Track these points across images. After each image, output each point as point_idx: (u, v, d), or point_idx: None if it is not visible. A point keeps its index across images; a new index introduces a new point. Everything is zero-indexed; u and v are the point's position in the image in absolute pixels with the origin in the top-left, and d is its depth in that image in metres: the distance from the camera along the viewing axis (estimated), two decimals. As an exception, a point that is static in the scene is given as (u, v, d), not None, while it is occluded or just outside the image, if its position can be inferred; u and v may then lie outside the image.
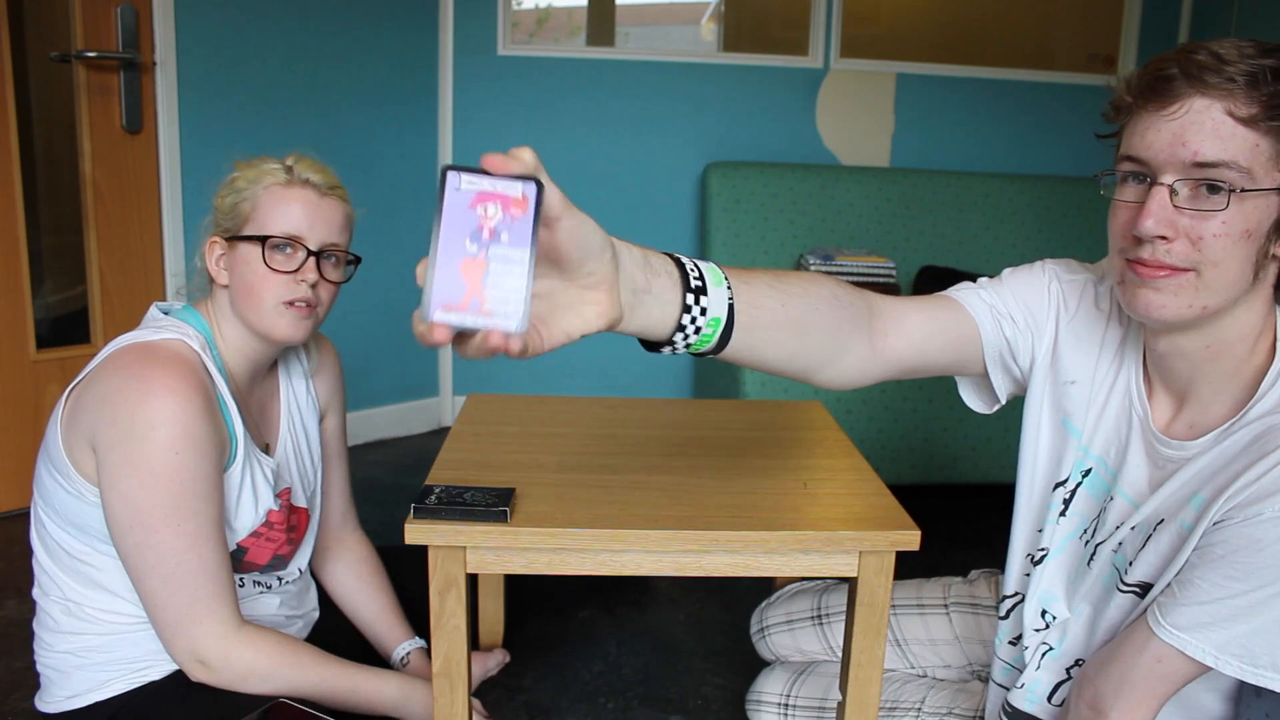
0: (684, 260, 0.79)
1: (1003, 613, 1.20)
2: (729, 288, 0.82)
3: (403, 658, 1.53)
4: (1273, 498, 0.86)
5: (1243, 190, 0.86)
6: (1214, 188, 0.86)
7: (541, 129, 3.14)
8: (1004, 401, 1.18)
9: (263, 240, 1.25)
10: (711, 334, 0.81)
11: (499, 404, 1.63)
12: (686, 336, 0.80)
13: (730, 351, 0.85)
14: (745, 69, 3.22)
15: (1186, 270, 0.89)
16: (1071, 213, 3.12)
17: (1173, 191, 0.88)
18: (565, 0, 3.32)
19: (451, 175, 0.58)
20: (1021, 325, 1.11)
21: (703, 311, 0.79)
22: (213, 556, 1.20)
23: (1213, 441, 0.95)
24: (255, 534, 1.32)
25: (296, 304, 1.27)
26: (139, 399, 1.15)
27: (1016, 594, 1.18)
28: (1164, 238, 0.88)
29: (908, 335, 1.05)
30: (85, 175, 2.45)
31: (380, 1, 2.91)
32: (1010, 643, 1.19)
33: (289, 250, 1.26)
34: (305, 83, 2.79)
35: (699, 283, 0.79)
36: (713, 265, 0.82)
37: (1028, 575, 1.15)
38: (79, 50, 2.38)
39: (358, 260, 1.35)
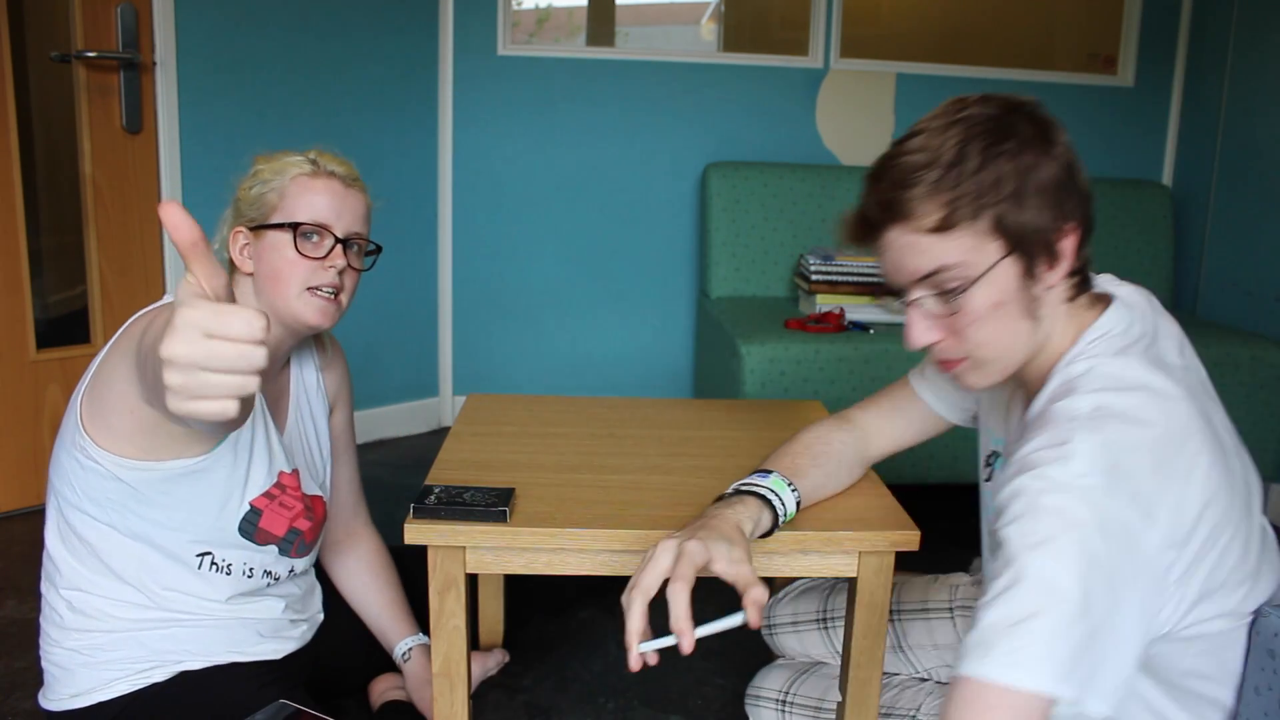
0: (768, 498, 1.12)
1: None
2: (792, 489, 1.15)
3: (405, 653, 1.53)
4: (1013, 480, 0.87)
5: (971, 281, 0.91)
6: (947, 290, 0.93)
7: (541, 129, 3.14)
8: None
9: (293, 227, 1.27)
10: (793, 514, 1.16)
11: (499, 404, 1.63)
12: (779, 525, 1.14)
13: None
14: (745, 69, 3.21)
15: (965, 358, 0.97)
16: (1071, 213, 3.12)
17: (922, 302, 0.95)
18: (565, 0, 3.32)
19: None
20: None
21: (785, 514, 1.14)
22: None
23: (1016, 433, 1.02)
24: (268, 494, 1.32)
25: (323, 290, 1.29)
26: None
27: None
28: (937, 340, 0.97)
29: (883, 445, 1.30)
30: (85, 175, 2.45)
31: (380, 2, 2.91)
32: None
33: (316, 238, 1.29)
34: (305, 83, 2.78)
35: (782, 508, 1.13)
36: (777, 477, 1.15)
37: None
38: (79, 50, 2.38)
39: (379, 250, 1.38)
